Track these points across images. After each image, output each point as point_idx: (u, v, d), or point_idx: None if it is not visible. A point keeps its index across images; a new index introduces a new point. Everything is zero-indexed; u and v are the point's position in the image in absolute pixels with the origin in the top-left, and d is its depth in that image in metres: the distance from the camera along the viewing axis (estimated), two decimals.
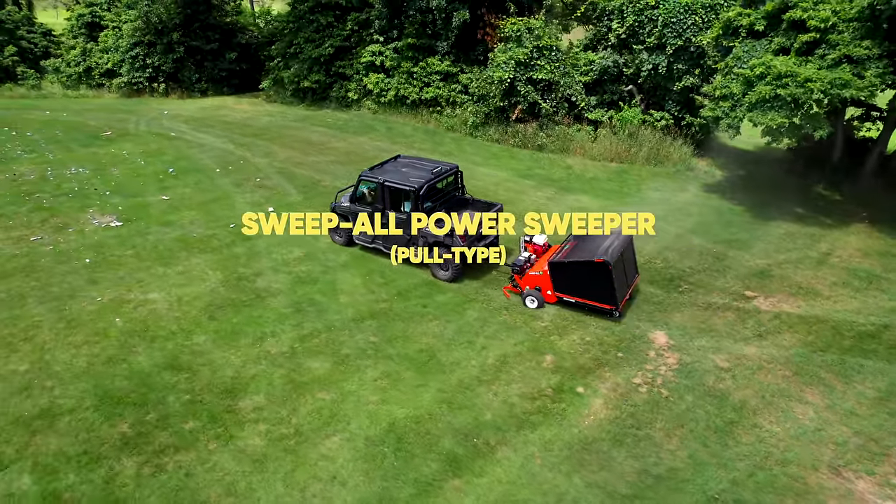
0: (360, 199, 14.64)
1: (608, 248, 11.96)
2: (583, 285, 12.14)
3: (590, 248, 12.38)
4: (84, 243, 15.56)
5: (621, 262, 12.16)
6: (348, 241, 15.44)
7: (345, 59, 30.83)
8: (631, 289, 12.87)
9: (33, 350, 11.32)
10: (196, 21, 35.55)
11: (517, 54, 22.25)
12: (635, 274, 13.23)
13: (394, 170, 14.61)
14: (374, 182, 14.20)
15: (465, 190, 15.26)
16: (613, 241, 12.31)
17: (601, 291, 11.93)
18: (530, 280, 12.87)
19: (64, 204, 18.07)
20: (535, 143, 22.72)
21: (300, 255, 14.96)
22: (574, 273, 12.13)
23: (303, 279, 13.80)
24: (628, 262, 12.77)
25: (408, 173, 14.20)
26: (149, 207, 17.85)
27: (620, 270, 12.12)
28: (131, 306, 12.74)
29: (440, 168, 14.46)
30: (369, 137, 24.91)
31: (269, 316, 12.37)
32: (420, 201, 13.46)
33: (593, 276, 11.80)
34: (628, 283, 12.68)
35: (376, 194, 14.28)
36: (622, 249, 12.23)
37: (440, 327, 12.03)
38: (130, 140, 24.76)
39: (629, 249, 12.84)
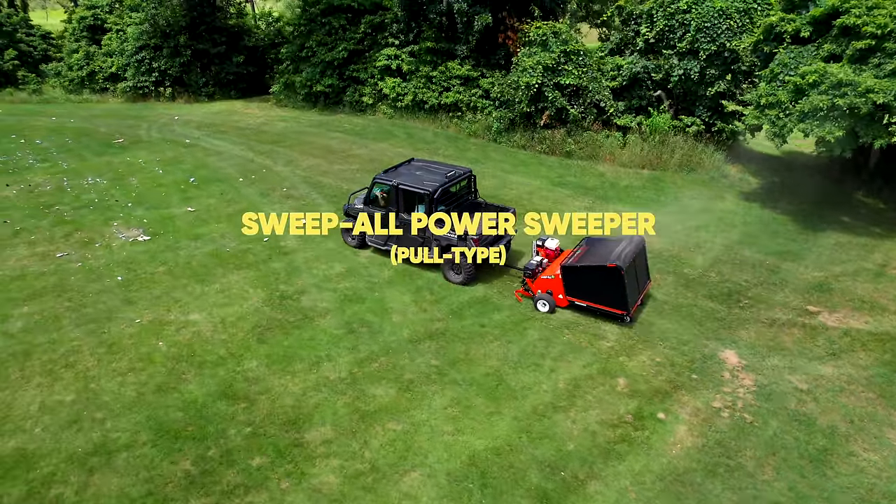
0: (373, 202, 14.63)
1: (621, 253, 11.90)
2: (595, 290, 12.15)
3: (602, 252, 12.38)
4: (113, 259, 14.90)
5: (633, 268, 12.14)
6: (361, 243, 15.43)
7: (358, 63, 30.24)
8: (643, 294, 12.83)
9: (77, 378, 10.70)
10: (202, 24, 34.77)
11: (545, 59, 21.82)
12: (647, 279, 13.20)
13: (408, 173, 14.60)
14: (388, 185, 14.18)
15: (478, 194, 15.25)
16: (626, 246, 12.23)
17: (613, 296, 11.95)
18: (542, 284, 12.85)
19: (86, 217, 17.37)
20: (563, 150, 22.29)
21: (342, 270, 14.40)
22: (586, 277, 12.14)
23: (350, 297, 13.25)
24: (640, 267, 12.74)
25: (422, 177, 14.24)
26: (175, 220, 17.19)
27: (632, 276, 12.09)
28: (173, 328, 12.13)
29: (454, 172, 14.48)
30: (390, 144, 24.35)
31: (321, 338, 11.81)
32: (434, 205, 13.45)
33: (605, 281, 11.81)
34: (640, 288, 12.64)
35: (389, 197, 14.27)
36: (635, 254, 12.18)
37: (503, 348, 11.54)
38: (144, 147, 24.03)
39: (642, 254, 12.80)
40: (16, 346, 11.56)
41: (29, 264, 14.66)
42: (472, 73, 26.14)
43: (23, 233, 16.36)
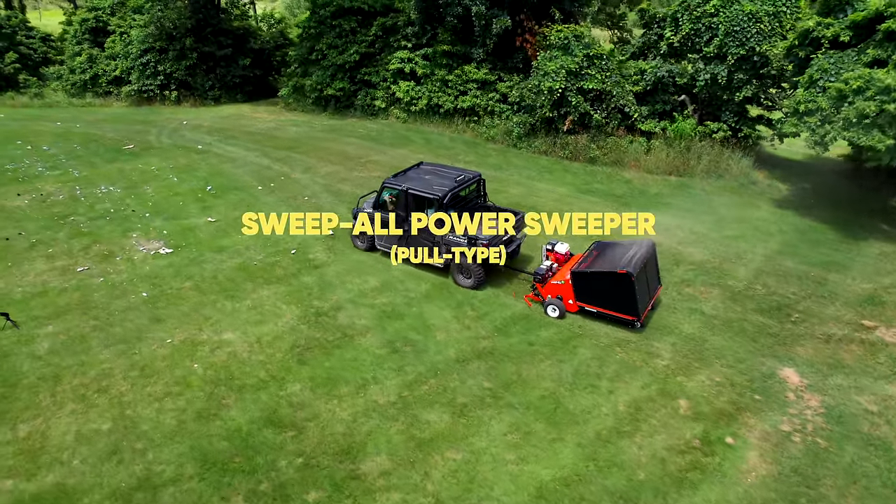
0: (382, 206, 14.53)
1: (631, 259, 11.82)
2: (605, 295, 12.07)
3: (612, 258, 12.28)
4: (136, 274, 14.33)
5: (644, 273, 12.04)
6: (370, 246, 15.33)
7: (370, 66, 29.71)
8: (653, 299, 12.72)
9: (111, 404, 10.15)
10: (208, 26, 34.12)
11: (567, 63, 21.40)
12: (658, 284, 13.09)
13: (417, 177, 14.55)
14: (397, 189, 14.09)
15: (487, 197, 15.18)
16: (637, 252, 12.14)
17: (623, 302, 11.85)
18: (552, 289, 12.73)
19: (103, 228, 16.77)
20: (586, 156, 21.86)
21: (376, 284, 13.90)
22: (596, 283, 12.06)
23: (388, 313, 12.75)
24: (651, 272, 12.62)
25: (431, 181, 14.16)
26: (196, 231, 16.62)
27: (643, 281, 12.01)
28: (207, 349, 11.59)
29: (463, 176, 14.41)
30: (409, 150, 23.84)
31: (364, 358, 11.31)
32: (444, 210, 13.39)
33: (616, 287, 11.73)
34: (650, 293, 12.54)
35: (399, 201, 14.17)
36: (645, 260, 12.09)
37: (555, 368, 11.08)
38: (156, 154, 23.41)
39: (652, 259, 12.69)
40: (44, 369, 10.99)
41: (49, 279, 14.07)
42: (489, 77, 25.68)
43: (39, 245, 15.75)
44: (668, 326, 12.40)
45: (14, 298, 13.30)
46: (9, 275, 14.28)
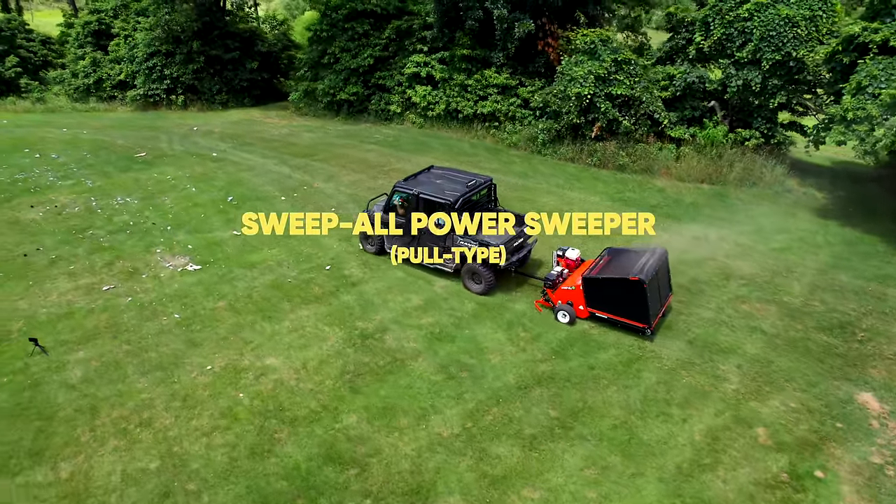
0: (393, 209, 14.43)
1: (643, 266, 11.73)
2: (616, 302, 11.96)
3: (624, 264, 12.18)
4: (165, 293, 13.64)
5: (656, 280, 11.94)
6: (380, 249, 15.20)
7: (384, 70, 29.09)
8: (665, 307, 12.61)
9: (156, 439, 9.49)
10: (214, 29, 33.39)
11: (596, 69, 20.88)
12: (669, 292, 12.97)
13: (428, 181, 14.40)
14: (408, 193, 13.98)
15: (497, 202, 15.00)
16: (649, 259, 12.06)
17: (635, 309, 11.76)
18: (563, 295, 12.66)
19: (124, 243, 16.06)
20: (615, 163, 21.36)
21: (419, 303, 13.29)
22: (608, 289, 11.95)
23: (437, 335, 12.15)
24: (663, 279, 12.51)
25: (443, 185, 14.04)
26: (223, 245, 15.95)
27: (655, 288, 11.89)
28: (251, 376, 10.95)
29: (475, 181, 14.27)
30: (430, 157, 23.19)
31: (419, 385, 10.71)
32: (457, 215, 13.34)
33: (627, 294, 11.63)
34: (662, 301, 12.42)
35: (410, 205, 14.09)
36: (657, 267, 11.98)
37: (622, 395, 10.53)
38: (170, 162, 22.67)
39: (664, 266, 12.56)
40: (80, 401, 10.32)
41: (74, 299, 13.37)
42: (510, 82, 25.11)
43: (60, 262, 15.03)
44: (731, 346, 11.89)
45: (39, 321, 12.60)
46: (31, 295, 13.57)
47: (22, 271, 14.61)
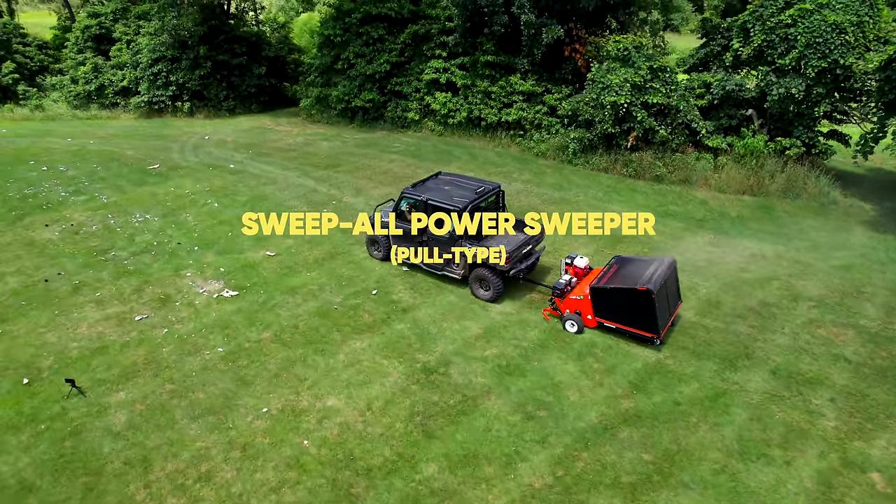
0: (401, 215, 14.36)
1: (651, 276, 11.67)
2: (624, 312, 11.87)
3: (633, 274, 12.07)
4: (203, 323, 12.71)
5: (664, 290, 11.84)
6: (386, 255, 15.14)
7: (401, 76, 28.23)
8: (673, 316, 12.47)
9: (220, 497, 8.58)
10: (220, 33, 32.28)
11: (632, 77, 20.21)
12: (678, 301, 12.84)
13: (437, 188, 14.35)
14: (417, 199, 13.88)
15: (505, 209, 14.90)
16: (657, 268, 12.00)
17: (643, 319, 11.66)
18: (571, 304, 12.55)
19: (151, 265, 15.08)
20: (652, 174, 20.69)
21: (478, 331, 12.49)
22: (616, 299, 11.85)
23: (505, 369, 11.35)
24: (671, 288, 12.39)
25: (451, 192, 14.02)
26: (257, 268, 15.03)
27: (663, 298, 11.79)
28: (312, 420, 10.08)
29: (483, 187, 14.23)
30: (456, 166, 22.41)
31: (498, 428, 9.90)
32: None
33: (635, 304, 11.55)
34: (670, 310, 12.31)
35: (417, 211, 14.02)
36: (666, 277, 11.87)
37: (715, 434, 9.80)
38: (185, 175, 21.64)
39: (672, 276, 12.43)
40: (128, 451, 9.40)
41: (106, 331, 12.39)
42: (536, 89, 24.37)
43: (84, 288, 14.03)
44: (817, 377, 11.21)
45: (71, 357, 11.63)
46: (58, 326, 12.58)
47: (45, 299, 13.60)
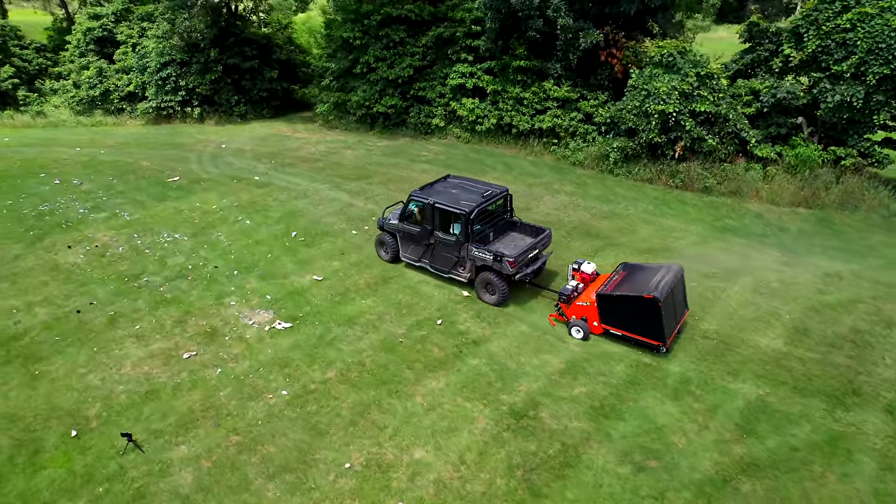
0: (408, 218, 14.43)
1: (658, 283, 11.58)
2: (631, 319, 11.81)
3: (640, 281, 12.00)
4: (259, 361, 11.64)
5: (671, 298, 11.75)
6: (394, 257, 15.23)
7: (423, 81, 27.19)
8: (679, 324, 12.35)
9: None
10: (230, 35, 31.00)
11: (681, 84, 19.37)
12: (685, 308, 12.71)
13: (444, 191, 14.38)
14: (424, 202, 13.94)
15: (513, 213, 14.97)
16: (665, 275, 11.91)
17: (649, 327, 11.58)
18: (577, 310, 12.49)
19: (189, 293, 13.97)
20: (700, 185, 19.89)
21: (560, 366, 11.56)
22: (622, 306, 11.78)
23: (600, 410, 10.42)
24: (678, 296, 12.30)
25: (458, 195, 14.00)
26: (306, 294, 13.97)
27: (670, 306, 11.69)
28: (402, 476, 9.08)
29: (491, 191, 14.19)
30: (491, 177, 21.43)
31: (609, 483, 8.97)
32: (470, 225, 13.30)
33: (642, 311, 11.48)
34: (677, 318, 12.19)
35: (425, 214, 14.00)
36: (673, 284, 11.78)
37: (846, 486, 8.93)
38: (209, 188, 20.46)
39: (680, 284, 12.32)
40: None
41: (153, 371, 11.31)
42: (571, 95, 23.47)
43: (121, 320, 12.90)
44: None
45: (119, 402, 10.54)
46: (100, 366, 11.47)
47: (80, 333, 12.47)
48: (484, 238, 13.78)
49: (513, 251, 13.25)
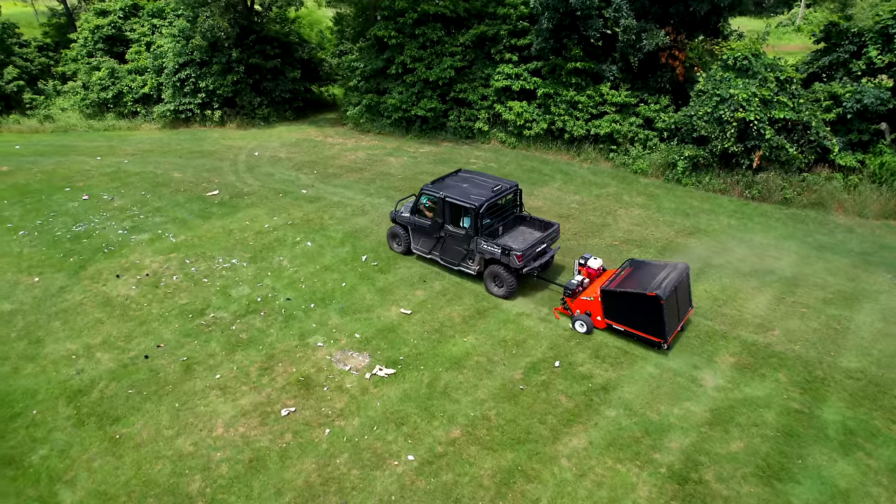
0: (419, 212, 14.82)
1: (662, 281, 11.71)
2: (633, 315, 11.97)
3: (644, 278, 12.14)
4: (370, 417, 10.27)
5: (674, 296, 11.85)
6: (406, 249, 15.63)
7: (463, 82, 25.73)
8: (683, 322, 12.46)
9: None
10: (251, 33, 29.19)
11: (761, 90, 18.23)
12: (689, 307, 12.81)
13: (455, 185, 14.72)
14: (435, 196, 14.27)
15: (523, 207, 15.29)
16: (669, 273, 12.03)
17: (651, 323, 11.74)
18: (581, 304, 12.71)
19: (267, 333, 12.52)
20: (778, 196, 18.82)
21: (705, 415, 10.31)
22: (625, 303, 11.92)
23: (767, 470, 9.19)
24: (682, 294, 12.35)
25: (468, 189, 14.33)
26: (398, 331, 12.60)
27: (673, 303, 11.80)
28: None
29: (500, 186, 14.48)
30: (553, 187, 20.17)
31: None
32: (480, 219, 13.56)
33: (644, 308, 11.63)
34: (680, 316, 12.29)
35: (436, 208, 14.39)
36: (677, 282, 11.86)
37: None
38: (254, 203, 18.90)
39: (684, 282, 12.37)
40: None
41: (251, 433, 9.90)
42: (630, 100, 22.24)
43: (197, 367, 11.44)
44: None
45: (222, 474, 9.14)
46: (188, 427, 10.03)
47: (154, 385, 11.01)
48: (493, 232, 14.19)
49: (521, 245, 13.59)
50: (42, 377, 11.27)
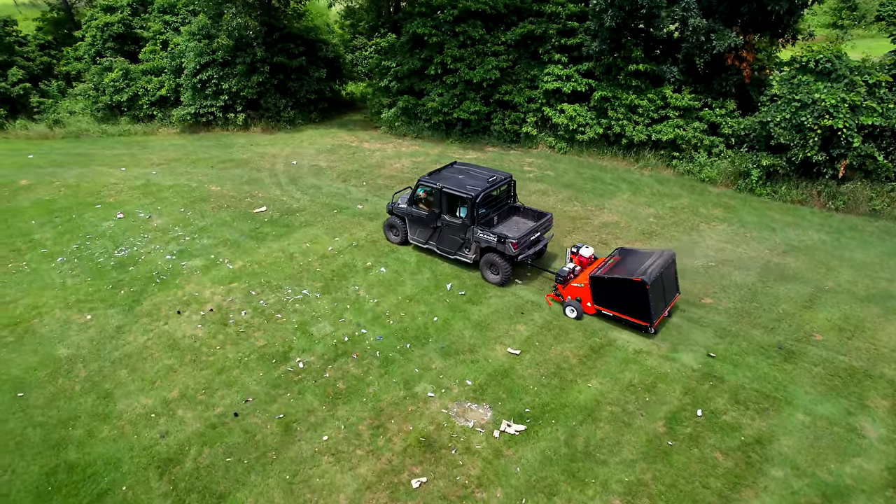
0: (416, 203, 15.23)
1: (648, 268, 12.26)
2: (620, 301, 12.53)
3: (631, 265, 12.72)
4: (514, 487, 9.04)
5: (660, 281, 12.37)
6: (403, 240, 16.06)
7: (508, 83, 24.34)
8: (669, 307, 12.98)
9: None
10: (274, 30, 27.40)
11: (850, 96, 17.17)
12: (676, 292, 13.30)
13: (451, 176, 15.18)
14: (432, 187, 14.68)
15: (516, 198, 15.72)
16: (655, 260, 12.58)
17: (638, 308, 12.29)
18: (572, 291, 13.20)
19: (367, 380, 11.15)
20: (866, 208, 17.82)
21: (883, 475, 9.19)
22: (613, 288, 12.48)
23: None
24: (669, 280, 12.86)
25: (464, 181, 14.78)
26: (512, 376, 11.32)
27: (659, 289, 12.32)
28: None
29: (495, 177, 14.98)
30: (625, 199, 18.91)
31: None
32: (476, 208, 14.01)
33: (631, 294, 12.19)
34: (666, 301, 12.80)
35: (433, 199, 14.80)
36: (663, 269, 12.41)
37: None
38: (309, 221, 17.40)
39: (670, 268, 12.92)
40: None
41: None
42: (694, 104, 21.05)
43: (297, 427, 10.03)
44: None
45: None
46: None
47: (254, 450, 9.62)
48: (489, 221, 14.67)
49: (516, 234, 14.11)
50: (123, 442, 9.83)
